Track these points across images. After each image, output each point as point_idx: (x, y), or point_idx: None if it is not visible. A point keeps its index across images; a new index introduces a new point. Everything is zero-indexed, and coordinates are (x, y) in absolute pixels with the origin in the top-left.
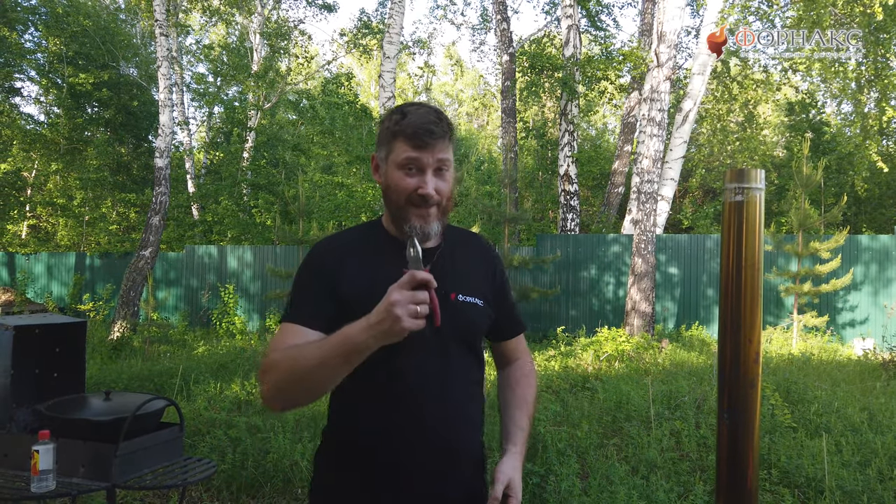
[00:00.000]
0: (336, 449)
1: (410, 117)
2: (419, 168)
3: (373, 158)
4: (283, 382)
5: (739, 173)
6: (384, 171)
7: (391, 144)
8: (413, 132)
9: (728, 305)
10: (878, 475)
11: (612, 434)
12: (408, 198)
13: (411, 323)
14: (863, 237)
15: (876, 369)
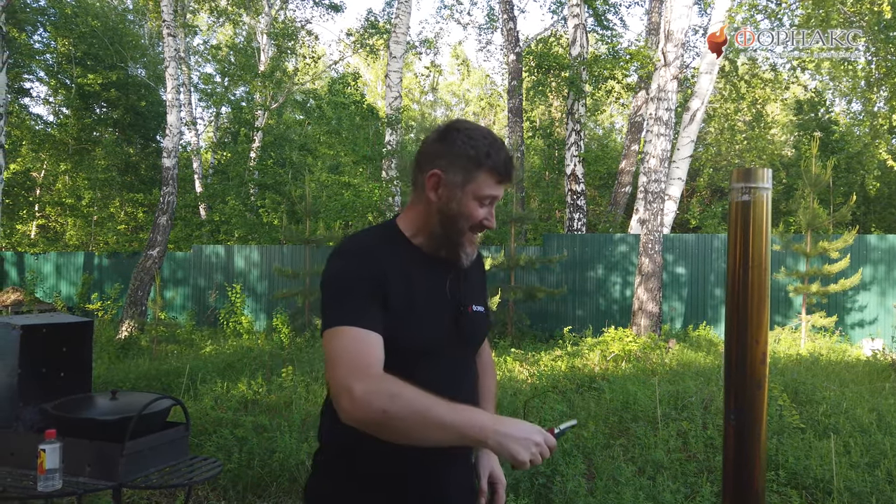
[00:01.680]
0: (358, 460)
1: (499, 153)
2: (492, 203)
3: (436, 175)
4: (403, 417)
5: (746, 173)
6: (455, 196)
7: (473, 174)
8: (504, 170)
9: (734, 306)
10: (886, 476)
11: (619, 434)
12: (472, 228)
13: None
14: (872, 237)
15: (885, 370)
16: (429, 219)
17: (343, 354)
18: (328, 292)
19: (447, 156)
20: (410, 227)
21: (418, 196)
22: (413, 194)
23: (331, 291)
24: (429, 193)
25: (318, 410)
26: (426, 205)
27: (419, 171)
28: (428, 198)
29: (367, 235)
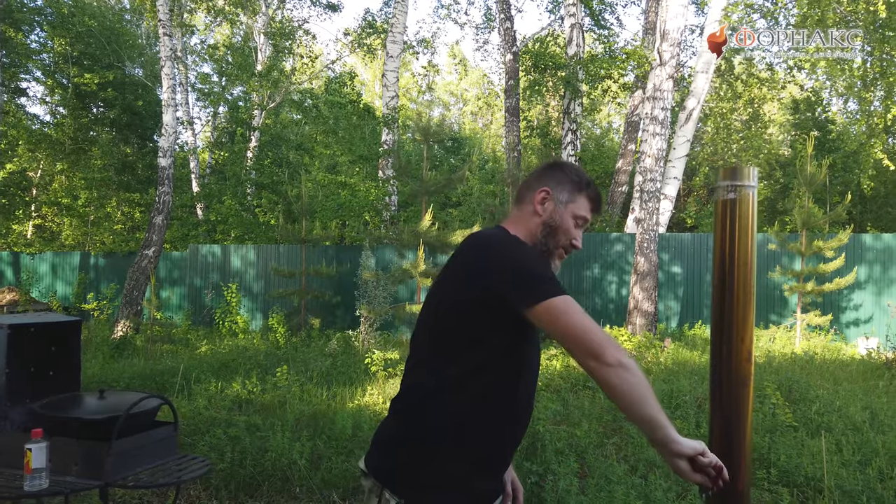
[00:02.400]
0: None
1: (595, 188)
2: (582, 226)
3: (545, 192)
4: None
5: (732, 171)
6: (558, 211)
7: (576, 196)
8: (597, 202)
9: (720, 304)
10: (878, 474)
11: (612, 433)
12: (563, 243)
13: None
14: (867, 236)
15: (879, 368)
16: (535, 229)
17: (586, 322)
18: (526, 265)
19: (556, 178)
20: (523, 236)
21: (524, 209)
22: (517, 208)
23: (529, 265)
24: (536, 206)
25: (311, 410)
26: (533, 216)
27: (528, 190)
28: (535, 210)
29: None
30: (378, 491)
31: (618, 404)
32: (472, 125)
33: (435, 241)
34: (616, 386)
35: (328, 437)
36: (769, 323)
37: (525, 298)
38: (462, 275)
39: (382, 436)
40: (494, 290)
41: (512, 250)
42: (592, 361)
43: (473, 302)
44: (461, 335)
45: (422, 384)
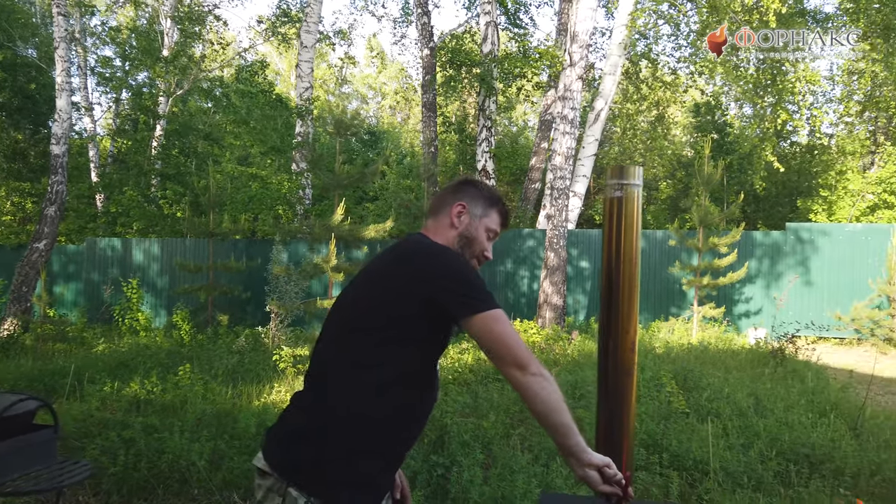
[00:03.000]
0: (389, 446)
1: (505, 204)
2: (493, 238)
3: (461, 206)
4: (552, 393)
5: (619, 170)
6: (473, 224)
7: (489, 211)
8: (507, 217)
9: (607, 297)
10: (759, 456)
11: (519, 424)
12: (476, 254)
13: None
14: (757, 233)
15: (765, 357)
16: (452, 240)
17: (515, 335)
18: (470, 279)
19: (471, 194)
20: (446, 244)
21: (441, 221)
22: (433, 220)
23: (472, 279)
24: (453, 219)
25: (214, 409)
26: (449, 228)
27: (444, 203)
28: (452, 222)
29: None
30: (282, 488)
31: (536, 411)
32: (391, 119)
33: (348, 235)
34: (537, 393)
35: (231, 437)
36: (669, 315)
37: (465, 309)
38: (402, 279)
39: (286, 431)
40: (438, 298)
41: (455, 261)
42: (518, 371)
43: (411, 306)
44: (383, 336)
45: (335, 381)
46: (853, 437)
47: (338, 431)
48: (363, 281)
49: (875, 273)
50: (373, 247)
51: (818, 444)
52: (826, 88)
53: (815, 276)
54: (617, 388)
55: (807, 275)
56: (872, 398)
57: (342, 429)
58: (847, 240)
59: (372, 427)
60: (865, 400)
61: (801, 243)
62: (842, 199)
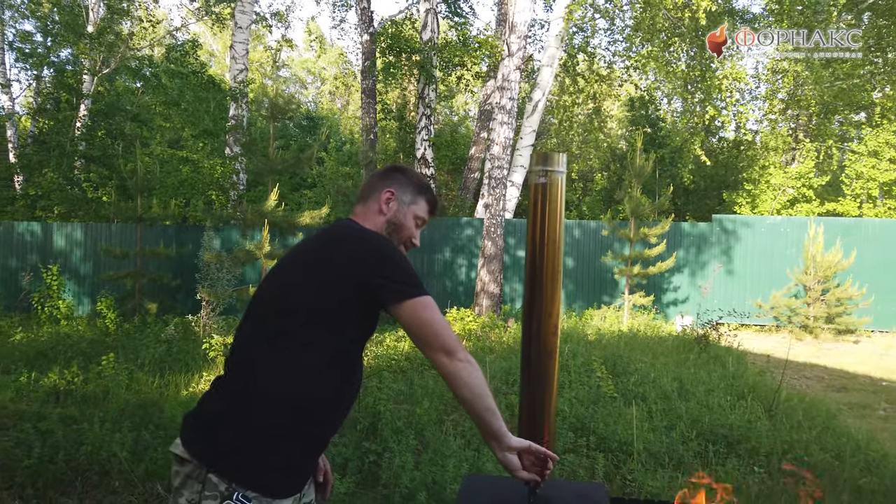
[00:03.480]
0: (306, 424)
1: (433, 192)
2: (420, 226)
3: (390, 192)
4: (477, 380)
5: (544, 157)
6: (401, 210)
7: (417, 198)
8: (435, 205)
9: (531, 281)
10: (681, 437)
11: (452, 410)
12: (404, 240)
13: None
14: (685, 224)
15: (690, 343)
16: (380, 226)
17: (443, 322)
18: (399, 265)
19: (400, 181)
20: (375, 230)
21: (370, 207)
22: (362, 206)
23: (402, 265)
24: (382, 205)
25: (139, 400)
26: (378, 215)
27: (373, 190)
28: (381, 209)
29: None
30: (201, 475)
31: (462, 397)
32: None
33: (282, 221)
34: (464, 378)
35: (156, 427)
36: (601, 303)
37: (394, 295)
38: (331, 263)
39: (205, 416)
40: (367, 283)
41: (385, 247)
42: (445, 357)
43: (339, 291)
44: (309, 320)
45: (257, 365)
46: (768, 418)
47: (259, 415)
48: (290, 265)
49: (793, 263)
50: (308, 233)
51: (736, 425)
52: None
53: (738, 265)
54: (540, 371)
55: (730, 264)
56: (787, 382)
57: (263, 412)
58: (768, 231)
59: (294, 410)
60: (780, 383)
61: (725, 234)
62: (764, 193)
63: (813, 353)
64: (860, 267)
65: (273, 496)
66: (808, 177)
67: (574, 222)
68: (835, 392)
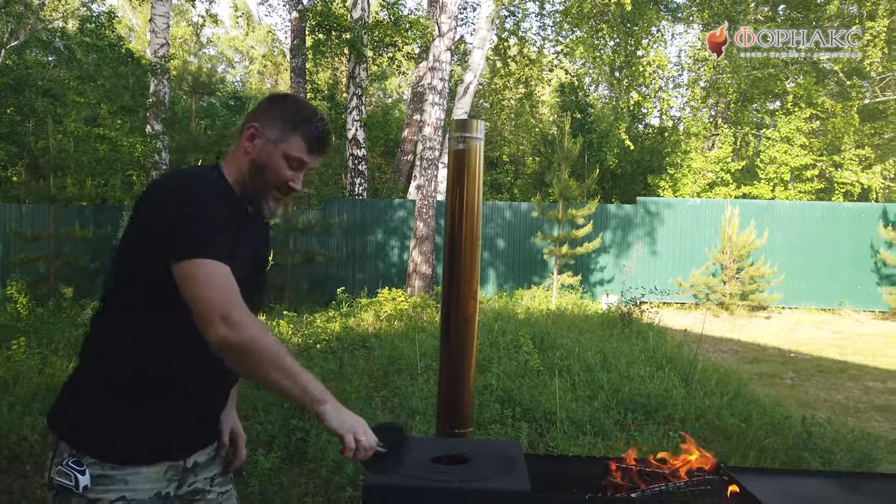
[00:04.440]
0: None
1: (316, 126)
2: (299, 168)
3: (253, 128)
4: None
5: (462, 124)
6: (266, 149)
7: (288, 135)
8: (317, 142)
9: (451, 247)
10: (602, 406)
11: (382, 388)
12: (276, 184)
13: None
14: (611, 206)
15: (614, 320)
16: (243, 168)
17: (218, 285)
18: (195, 223)
19: (269, 114)
20: (231, 175)
21: (238, 145)
22: (235, 144)
23: (195, 220)
24: (244, 143)
25: (52, 383)
26: (243, 154)
27: (243, 125)
28: (244, 148)
29: (207, 178)
30: (54, 443)
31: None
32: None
33: None
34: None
35: None
36: (531, 284)
37: (173, 252)
38: (140, 218)
39: (63, 386)
40: (159, 239)
41: (186, 201)
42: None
43: (147, 248)
44: (131, 280)
45: (101, 334)
46: (684, 387)
47: (95, 380)
48: (127, 226)
49: (711, 243)
50: None
51: (654, 394)
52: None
53: (660, 246)
54: (458, 336)
55: (654, 245)
56: (703, 355)
57: (98, 376)
58: (688, 213)
59: (128, 373)
60: (695, 355)
61: (649, 216)
62: (685, 177)
63: (728, 328)
64: (772, 247)
65: (119, 462)
66: (725, 161)
67: (505, 204)
68: (747, 363)
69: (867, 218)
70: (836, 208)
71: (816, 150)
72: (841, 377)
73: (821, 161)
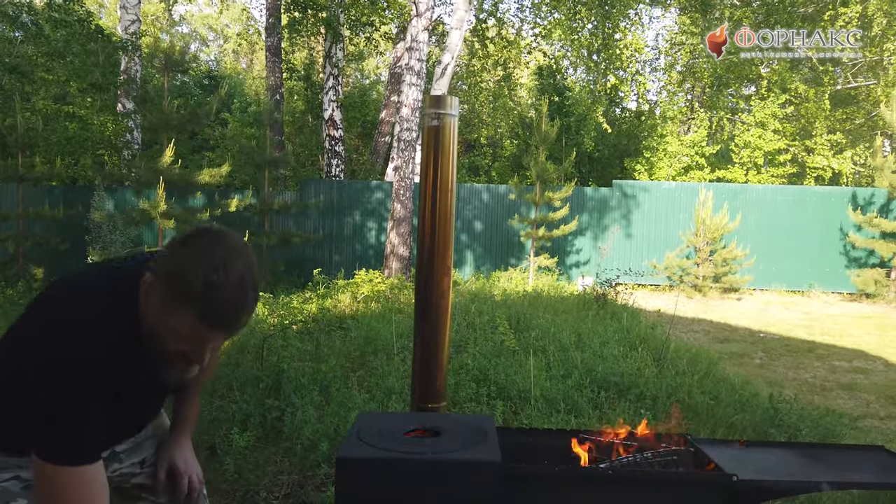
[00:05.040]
0: None
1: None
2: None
3: (147, 282)
4: None
5: (436, 100)
6: (155, 314)
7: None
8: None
9: (425, 223)
10: (576, 385)
11: (358, 367)
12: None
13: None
14: (588, 189)
15: (590, 302)
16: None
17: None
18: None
19: (166, 267)
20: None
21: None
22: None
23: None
24: (141, 293)
25: None
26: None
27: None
28: (143, 295)
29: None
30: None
31: None
32: (234, 65)
33: (179, 180)
34: None
35: None
36: (508, 266)
37: (35, 446)
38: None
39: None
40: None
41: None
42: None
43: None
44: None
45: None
46: (656, 366)
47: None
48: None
49: (685, 226)
50: (209, 193)
51: (627, 373)
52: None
53: (636, 228)
54: (433, 310)
55: (629, 228)
56: (676, 335)
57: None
58: (664, 196)
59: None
60: (668, 336)
61: (625, 199)
62: (661, 161)
63: (701, 309)
64: (744, 230)
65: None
66: (700, 145)
67: (483, 186)
68: (718, 343)
69: (837, 202)
70: (807, 192)
71: (789, 135)
72: (808, 357)
73: (793, 146)
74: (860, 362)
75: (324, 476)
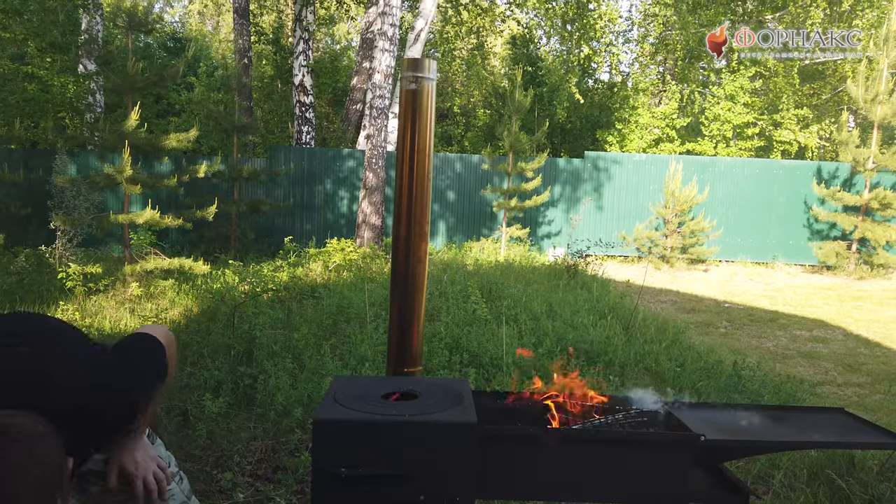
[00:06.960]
0: None
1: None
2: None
3: None
4: None
5: (414, 63)
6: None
7: None
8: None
9: (402, 187)
10: (547, 352)
11: (331, 336)
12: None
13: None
14: (560, 160)
15: (561, 272)
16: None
17: None
18: None
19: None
20: None
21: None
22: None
23: None
24: None
25: None
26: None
27: None
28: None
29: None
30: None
31: None
32: (200, 27)
33: (145, 144)
34: None
35: None
36: (481, 236)
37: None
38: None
39: None
40: None
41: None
42: None
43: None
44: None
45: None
46: (625, 335)
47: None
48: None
49: (655, 198)
50: (176, 159)
51: (596, 340)
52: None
53: (607, 200)
54: (409, 275)
55: (600, 200)
56: (644, 305)
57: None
58: (635, 168)
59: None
60: (636, 305)
61: (597, 171)
62: (633, 133)
63: (668, 279)
64: (712, 202)
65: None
66: (671, 118)
67: (456, 156)
68: (684, 313)
69: (802, 175)
70: (773, 165)
71: (758, 109)
72: (771, 326)
73: (762, 120)
74: (820, 332)
75: (297, 441)
